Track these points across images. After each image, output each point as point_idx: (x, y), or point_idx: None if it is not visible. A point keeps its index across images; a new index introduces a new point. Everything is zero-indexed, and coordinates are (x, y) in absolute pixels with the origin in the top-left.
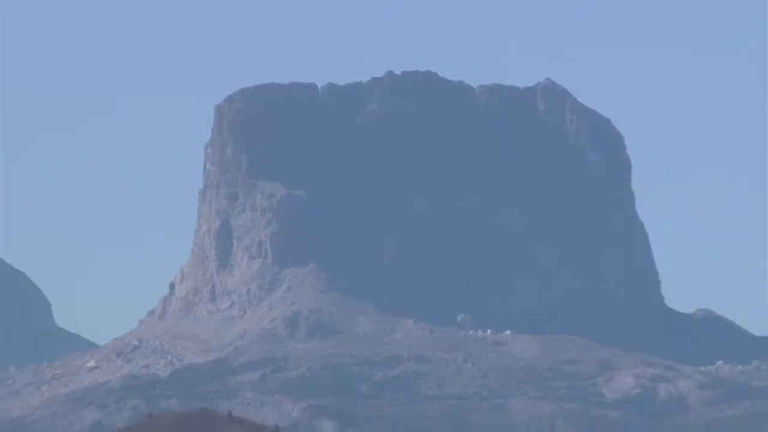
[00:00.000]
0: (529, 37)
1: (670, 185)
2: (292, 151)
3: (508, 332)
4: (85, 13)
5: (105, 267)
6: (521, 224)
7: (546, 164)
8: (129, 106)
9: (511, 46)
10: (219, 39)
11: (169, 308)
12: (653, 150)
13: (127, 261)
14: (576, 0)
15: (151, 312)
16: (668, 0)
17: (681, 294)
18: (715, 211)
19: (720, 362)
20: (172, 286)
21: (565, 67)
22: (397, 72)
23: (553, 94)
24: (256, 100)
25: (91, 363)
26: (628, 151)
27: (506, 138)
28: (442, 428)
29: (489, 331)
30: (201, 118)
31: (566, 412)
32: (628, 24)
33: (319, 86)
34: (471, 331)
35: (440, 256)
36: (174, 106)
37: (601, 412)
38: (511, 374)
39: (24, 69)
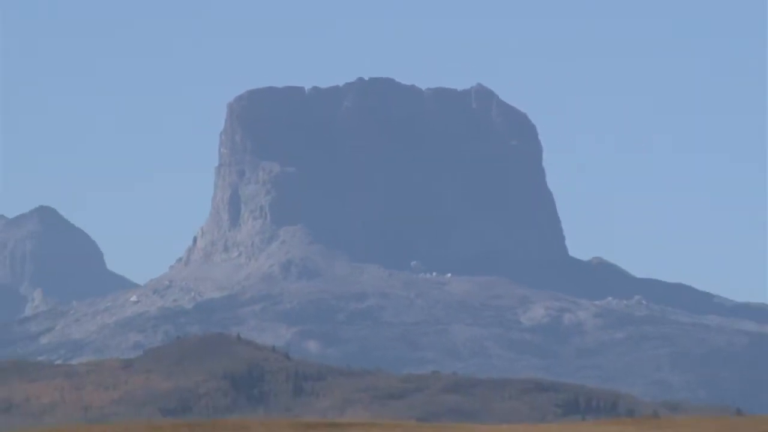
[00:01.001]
0: (465, 51)
1: (571, 163)
2: (285, 138)
3: (449, 275)
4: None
5: (144, 225)
6: (459, 193)
7: (477, 148)
8: (167, 102)
9: (452, 57)
10: (231, 52)
11: (192, 256)
12: (559, 136)
13: (161, 221)
14: (496, 21)
15: (179, 259)
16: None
17: (580, 245)
18: (605, 182)
19: (609, 298)
20: (195, 240)
21: (492, 73)
22: (366, 78)
23: (482, 95)
24: (258, 99)
25: (134, 298)
26: (539, 138)
27: (447, 128)
28: (400, 347)
29: (434, 273)
30: (216, 113)
31: (493, 335)
32: (538, 37)
33: (306, 89)
34: (421, 274)
35: (397, 217)
36: (196, 104)
37: (519, 335)
38: (451, 306)
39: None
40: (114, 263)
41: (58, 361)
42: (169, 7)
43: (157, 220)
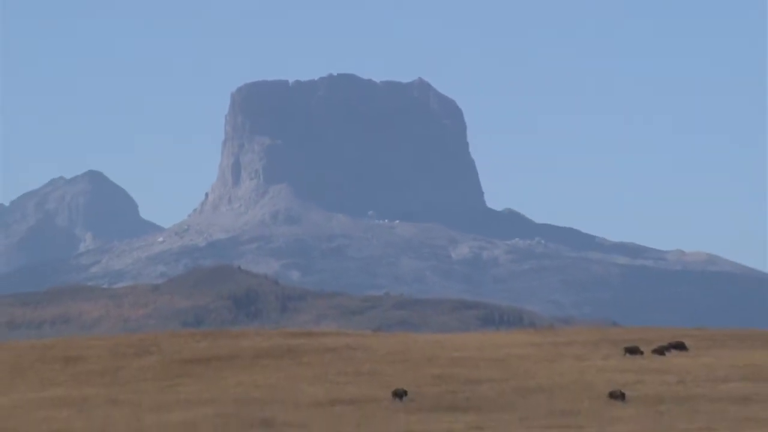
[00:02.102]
0: (410, 51)
1: (488, 137)
2: (274, 119)
3: (397, 221)
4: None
5: (168, 184)
6: (404, 160)
7: (418, 126)
8: (186, 92)
9: (400, 57)
10: (232, 54)
11: (204, 207)
12: (479, 117)
13: (181, 181)
14: (434, 28)
15: (195, 210)
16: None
17: (494, 199)
18: (512, 151)
19: (516, 239)
20: (206, 195)
21: (429, 69)
22: (334, 74)
23: (422, 86)
24: (254, 89)
25: (160, 239)
26: (464, 118)
27: (396, 111)
28: (360, 275)
29: (386, 220)
30: (222, 100)
31: (430, 266)
32: (465, 40)
33: (289, 81)
34: (376, 221)
35: (358, 178)
36: (206, 94)
37: (449, 267)
38: (398, 245)
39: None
40: (146, 212)
41: (104, 286)
42: (186, 17)
43: (178, 180)
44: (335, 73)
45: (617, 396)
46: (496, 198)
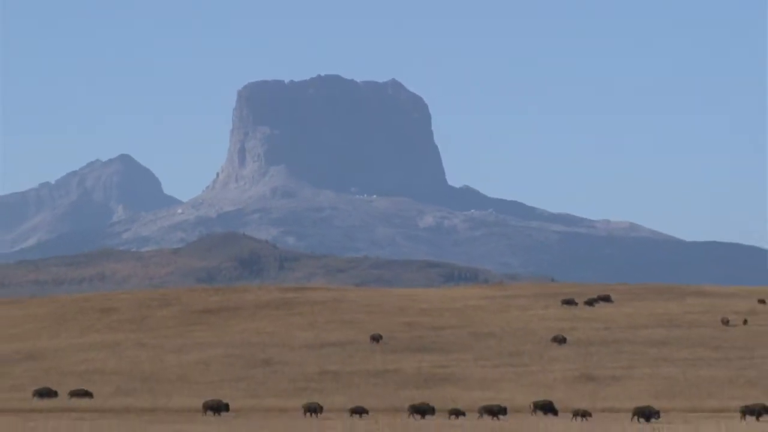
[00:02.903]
0: (386, 56)
1: (448, 127)
2: (273, 112)
3: (374, 196)
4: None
5: (186, 165)
6: (380, 146)
7: (392, 118)
8: (199, 90)
9: (377, 60)
10: (238, 57)
11: (216, 184)
12: (442, 109)
13: (197, 163)
14: (404, 35)
15: (207, 186)
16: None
17: (454, 177)
18: (469, 139)
19: (473, 210)
20: (217, 174)
21: (401, 71)
22: (322, 74)
23: (395, 85)
24: (256, 87)
25: (180, 210)
26: (430, 112)
27: (373, 106)
28: (344, 240)
29: (365, 195)
30: (230, 97)
31: (401, 233)
32: (431, 46)
33: (285, 81)
34: (357, 195)
35: (343, 161)
36: (218, 90)
37: (417, 233)
38: (375, 213)
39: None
40: (168, 189)
41: (133, 250)
42: (200, 26)
43: (194, 162)
44: (323, 74)
45: (560, 340)
46: (455, 176)
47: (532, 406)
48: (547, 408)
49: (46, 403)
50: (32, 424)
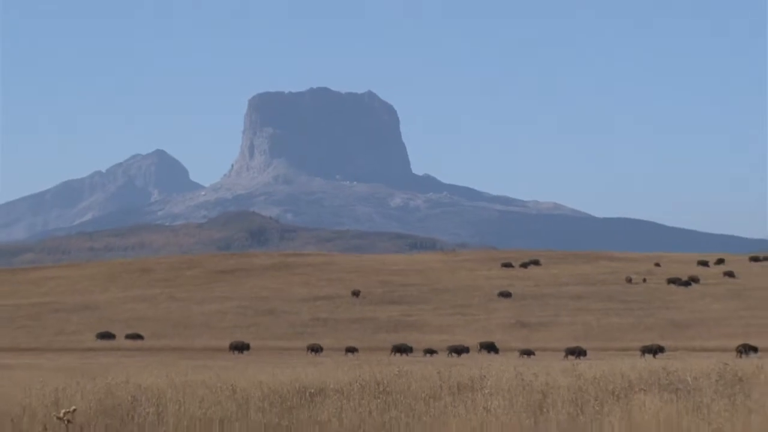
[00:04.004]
0: (364, 72)
1: (412, 127)
2: (276, 117)
3: (355, 182)
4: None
5: (208, 158)
6: (360, 143)
7: (368, 121)
8: (217, 99)
9: (357, 75)
10: (250, 71)
11: (231, 173)
12: (408, 114)
13: (217, 156)
14: (378, 53)
15: (224, 175)
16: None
17: (417, 167)
18: (428, 137)
19: (431, 193)
20: (232, 165)
21: (376, 83)
22: (314, 87)
23: (371, 95)
24: (264, 97)
25: (203, 193)
26: (398, 116)
27: (354, 112)
28: (331, 217)
29: (348, 182)
30: (242, 104)
31: (376, 211)
32: (401, 61)
33: (285, 92)
34: (342, 182)
35: (330, 155)
36: (233, 99)
37: (389, 212)
38: (356, 196)
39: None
40: (194, 176)
41: (166, 224)
42: (220, 45)
43: (214, 155)
44: (315, 87)
45: (505, 294)
46: (418, 167)
47: (478, 345)
48: (490, 347)
49: (105, 343)
50: (89, 360)
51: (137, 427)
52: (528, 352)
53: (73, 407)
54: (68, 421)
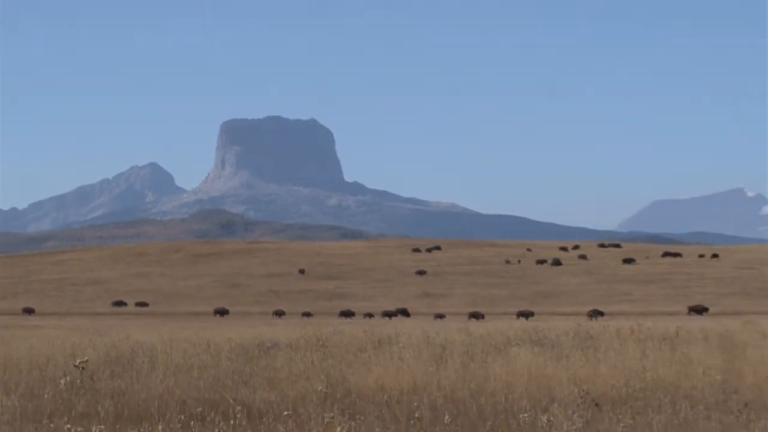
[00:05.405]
0: (307, 102)
1: (346, 147)
2: (243, 138)
3: (301, 187)
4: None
5: (190, 168)
6: (305, 156)
7: (311, 140)
8: (198, 122)
9: (303, 106)
10: (223, 101)
11: (207, 180)
12: (342, 135)
13: (196, 167)
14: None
15: (202, 181)
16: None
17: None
18: (357, 154)
19: (359, 195)
20: (208, 175)
21: (318, 111)
22: (271, 115)
23: (312, 122)
24: (232, 123)
25: (185, 196)
26: (334, 137)
27: (300, 134)
28: (283, 214)
29: (296, 186)
30: (216, 127)
31: (317, 210)
32: (335, 90)
33: (248, 119)
34: (291, 187)
35: (282, 166)
36: (209, 123)
37: (328, 210)
38: (301, 199)
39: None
40: (179, 182)
41: (158, 219)
42: (200, 83)
43: (194, 166)
44: (271, 115)
45: (421, 272)
46: (349, 175)
47: (395, 310)
48: (403, 312)
49: (115, 309)
50: (98, 323)
51: (135, 372)
52: (440, 316)
53: (86, 358)
54: (82, 368)
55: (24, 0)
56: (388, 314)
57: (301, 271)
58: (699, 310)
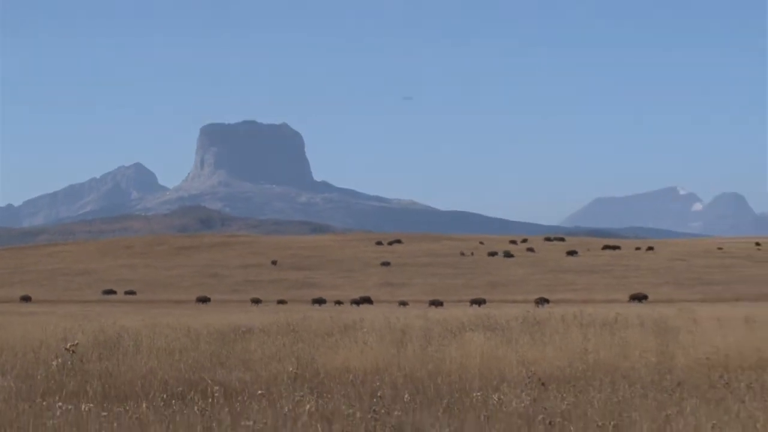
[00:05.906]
0: (280, 107)
1: (315, 147)
2: (221, 141)
3: (274, 186)
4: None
5: (172, 168)
6: (278, 158)
7: (283, 143)
8: (181, 126)
9: (276, 110)
10: (202, 105)
11: (188, 179)
12: (311, 138)
13: (177, 167)
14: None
15: (184, 180)
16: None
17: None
18: (325, 155)
19: (326, 194)
20: (188, 174)
21: (289, 116)
22: (247, 119)
23: (284, 125)
24: (211, 127)
25: (168, 193)
26: (303, 140)
27: (273, 137)
28: (258, 210)
29: (269, 185)
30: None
31: (289, 206)
32: (306, 97)
33: (227, 123)
34: (265, 185)
35: (256, 166)
36: (189, 127)
37: (298, 206)
38: (274, 196)
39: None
40: (162, 181)
41: (143, 214)
42: (182, 89)
43: (176, 166)
44: (246, 119)
45: (385, 263)
46: (318, 174)
47: (359, 299)
48: (366, 300)
49: (104, 297)
50: (88, 309)
51: (121, 355)
52: (404, 303)
53: (76, 341)
54: (73, 351)
55: (15, 3)
56: (356, 302)
57: (274, 263)
58: (639, 297)
